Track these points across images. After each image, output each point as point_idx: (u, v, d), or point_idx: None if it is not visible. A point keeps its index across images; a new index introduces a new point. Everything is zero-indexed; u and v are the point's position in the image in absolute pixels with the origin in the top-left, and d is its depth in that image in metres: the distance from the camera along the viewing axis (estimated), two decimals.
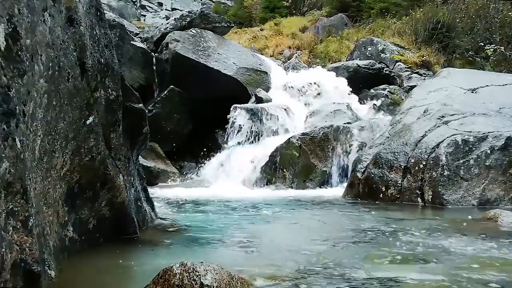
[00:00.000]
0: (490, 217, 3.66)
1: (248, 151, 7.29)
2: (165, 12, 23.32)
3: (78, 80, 2.33)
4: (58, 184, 2.24)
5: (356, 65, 9.40)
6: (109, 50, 2.76)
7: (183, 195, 5.55)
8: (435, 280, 2.14)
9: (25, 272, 1.55)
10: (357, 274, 2.21)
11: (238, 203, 4.84)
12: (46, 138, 2.02)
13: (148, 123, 3.29)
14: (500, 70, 9.37)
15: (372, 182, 5.14)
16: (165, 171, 7.27)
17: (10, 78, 1.53)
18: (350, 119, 7.43)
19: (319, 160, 6.48)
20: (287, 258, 2.58)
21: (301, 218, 4.14)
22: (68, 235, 2.38)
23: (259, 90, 8.32)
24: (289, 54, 11.80)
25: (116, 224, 2.78)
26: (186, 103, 7.94)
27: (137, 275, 2.25)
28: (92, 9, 2.63)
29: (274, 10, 15.79)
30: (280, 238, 3.24)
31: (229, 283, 1.73)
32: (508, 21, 10.80)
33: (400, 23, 12.04)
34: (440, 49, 10.74)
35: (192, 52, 8.07)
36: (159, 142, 7.48)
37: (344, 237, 3.13)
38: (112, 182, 2.69)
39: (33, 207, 1.65)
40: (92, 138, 2.49)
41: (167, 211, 4.17)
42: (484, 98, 5.66)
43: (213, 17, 9.08)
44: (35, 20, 1.78)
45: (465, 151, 4.74)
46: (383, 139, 5.65)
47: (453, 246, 2.87)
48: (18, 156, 1.54)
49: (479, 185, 4.60)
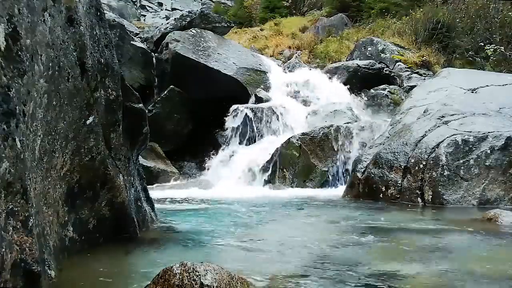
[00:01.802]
0: (490, 217, 3.66)
1: (248, 151, 7.30)
2: (165, 12, 23.32)
3: (78, 80, 2.33)
4: (58, 184, 2.24)
5: (356, 65, 9.39)
6: (109, 50, 2.76)
7: (183, 195, 5.55)
8: (436, 279, 2.14)
9: (25, 272, 1.55)
10: (358, 273, 2.21)
11: (238, 203, 4.84)
12: (46, 138, 2.02)
13: (148, 123, 3.29)
14: (500, 70, 9.36)
15: (372, 182, 5.14)
16: (165, 171, 7.27)
17: (10, 78, 1.53)
18: (350, 119, 7.43)
19: (319, 160, 6.48)
20: (287, 258, 2.58)
21: (301, 218, 4.14)
22: (68, 235, 2.38)
23: (259, 90, 8.32)
24: (289, 54, 11.79)
25: (116, 224, 2.78)
26: (186, 103, 7.94)
27: (137, 275, 2.25)
28: (92, 9, 2.63)
29: (274, 10, 15.78)
30: (280, 238, 3.23)
31: (229, 283, 1.73)
32: (508, 21, 10.79)
33: (400, 23, 12.03)
34: (440, 49, 10.73)
35: (192, 52, 8.07)
36: (159, 142, 7.48)
37: (344, 237, 3.13)
38: (112, 182, 2.69)
39: (33, 207, 1.65)
40: (92, 138, 2.49)
41: (167, 211, 4.17)
42: (484, 98, 5.66)
43: (213, 17, 9.08)
44: (35, 20, 1.78)
45: (465, 151, 4.74)
46: (383, 139, 5.65)
47: (453, 245, 2.87)
48: (18, 156, 1.54)
49: (479, 185, 4.60)
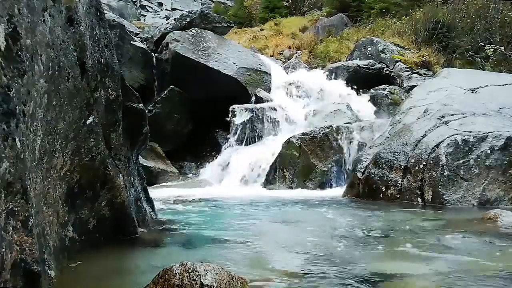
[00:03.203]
0: (490, 217, 3.66)
1: (247, 151, 7.30)
2: (165, 12, 23.32)
3: (78, 80, 2.33)
4: (58, 184, 2.24)
5: (356, 65, 9.39)
6: (109, 50, 2.76)
7: (183, 195, 5.55)
8: (436, 278, 2.14)
9: (25, 272, 1.55)
10: (358, 273, 2.21)
11: (238, 203, 4.84)
12: (46, 138, 2.02)
13: (148, 123, 3.30)
14: (500, 70, 9.36)
15: (372, 182, 5.14)
16: (165, 171, 7.27)
17: (10, 78, 1.53)
18: (350, 119, 7.43)
19: (319, 160, 6.48)
20: (288, 258, 2.58)
21: (301, 218, 4.13)
22: (68, 235, 2.38)
23: (259, 90, 8.32)
24: (289, 54, 11.80)
25: (116, 224, 2.78)
26: (186, 103, 7.94)
27: (137, 275, 2.25)
28: (92, 9, 2.63)
29: (274, 10, 15.78)
30: (280, 237, 3.24)
31: (229, 283, 1.73)
32: (508, 21, 10.79)
33: (400, 23, 12.03)
34: (440, 49, 10.74)
35: (192, 52, 8.07)
36: (159, 142, 7.48)
37: (344, 237, 3.13)
38: (112, 182, 2.69)
39: (33, 207, 1.65)
40: (92, 138, 2.49)
41: (167, 211, 4.18)
42: (484, 98, 5.66)
43: (213, 17, 9.08)
44: (35, 20, 1.78)
45: (465, 151, 4.74)
46: (383, 139, 5.65)
47: (453, 245, 2.87)
48: (18, 156, 1.54)
49: (479, 185, 4.60)
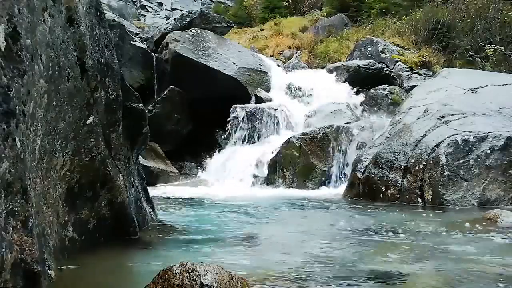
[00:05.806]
0: (490, 217, 3.66)
1: (247, 151, 7.30)
2: (165, 12, 23.30)
3: (78, 80, 2.33)
4: (58, 184, 2.24)
5: (356, 65, 9.39)
6: (109, 50, 2.76)
7: (183, 195, 5.55)
8: (436, 278, 2.14)
9: (25, 272, 1.55)
10: (358, 273, 2.21)
11: (238, 203, 4.84)
12: (46, 138, 2.02)
13: (148, 123, 3.29)
14: (500, 70, 9.35)
15: (372, 182, 5.14)
16: (165, 171, 7.27)
17: (10, 78, 1.53)
18: (350, 119, 7.42)
19: (319, 160, 6.48)
20: (288, 258, 2.58)
21: (301, 218, 4.14)
22: (68, 235, 2.38)
23: (259, 90, 8.32)
24: (289, 54, 11.79)
25: (116, 224, 2.78)
26: (186, 103, 7.93)
27: (137, 275, 2.25)
28: (92, 9, 2.63)
29: (274, 10, 15.76)
30: (280, 237, 3.24)
31: (229, 283, 1.73)
32: (508, 21, 10.78)
33: (400, 23, 12.02)
34: (440, 49, 10.73)
35: (192, 52, 8.06)
36: (159, 142, 7.47)
37: (344, 237, 3.13)
38: (112, 182, 2.69)
39: (33, 207, 1.65)
40: (92, 138, 2.49)
41: (167, 211, 4.17)
42: (484, 98, 5.66)
43: (213, 17, 9.07)
44: (35, 20, 1.78)
45: (465, 151, 4.74)
46: (383, 139, 5.65)
47: (453, 245, 2.87)
48: (18, 156, 1.54)
49: (479, 185, 4.60)
